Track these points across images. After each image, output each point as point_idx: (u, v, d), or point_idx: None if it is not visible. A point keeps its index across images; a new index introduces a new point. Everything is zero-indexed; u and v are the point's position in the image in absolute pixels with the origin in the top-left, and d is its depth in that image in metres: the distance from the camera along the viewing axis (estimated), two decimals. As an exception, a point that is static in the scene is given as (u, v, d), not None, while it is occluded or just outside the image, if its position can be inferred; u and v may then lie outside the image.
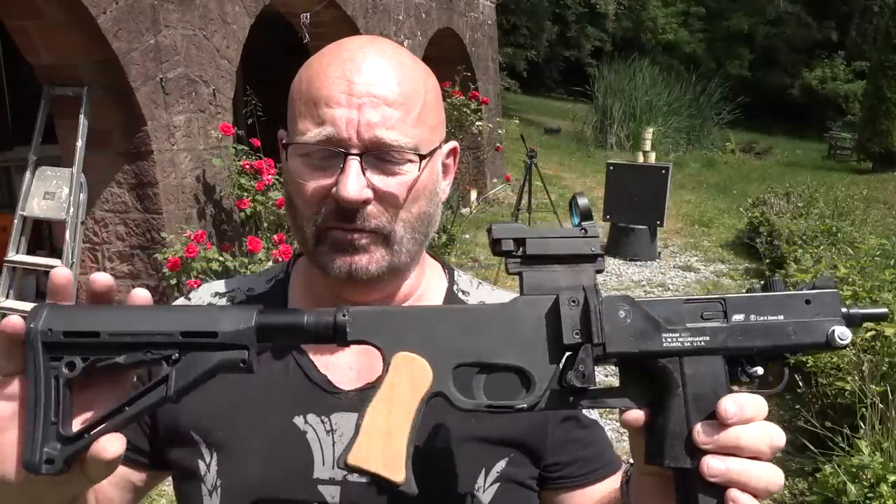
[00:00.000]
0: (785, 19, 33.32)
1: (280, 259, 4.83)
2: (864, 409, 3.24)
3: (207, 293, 0.96)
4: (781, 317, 0.63)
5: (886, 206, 12.30)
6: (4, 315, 4.21)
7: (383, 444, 0.60)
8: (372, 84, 0.79)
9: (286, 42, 7.15)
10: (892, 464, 2.84)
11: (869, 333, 3.89)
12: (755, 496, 0.59)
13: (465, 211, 9.92)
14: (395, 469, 0.60)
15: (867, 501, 2.78)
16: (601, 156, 15.79)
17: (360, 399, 0.84)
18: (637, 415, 0.63)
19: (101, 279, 0.62)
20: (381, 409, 0.61)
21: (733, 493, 0.59)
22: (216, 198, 5.28)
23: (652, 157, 8.73)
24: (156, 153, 4.70)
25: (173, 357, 0.60)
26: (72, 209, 4.48)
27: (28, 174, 4.62)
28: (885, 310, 0.67)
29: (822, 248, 6.29)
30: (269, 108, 6.04)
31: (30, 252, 4.87)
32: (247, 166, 5.34)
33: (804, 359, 4.07)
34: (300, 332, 0.62)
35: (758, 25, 33.13)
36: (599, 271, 0.64)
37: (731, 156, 20.16)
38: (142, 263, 4.84)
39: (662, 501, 0.67)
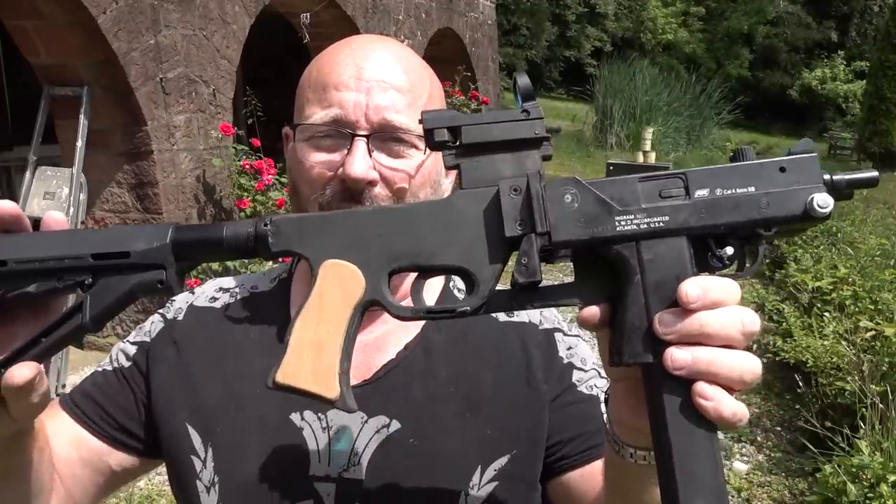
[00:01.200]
0: (785, 19, 33.32)
1: (281, 259, 4.82)
2: (864, 409, 3.24)
3: (212, 288, 0.96)
4: (752, 188, 0.54)
5: (886, 206, 12.29)
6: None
7: (313, 359, 0.56)
8: (381, 70, 0.81)
9: (286, 42, 7.15)
10: (892, 464, 2.84)
11: (869, 333, 3.89)
12: (730, 389, 0.52)
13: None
14: (327, 385, 0.56)
15: (867, 501, 2.78)
16: (601, 156, 15.79)
17: (355, 396, 0.83)
18: (592, 311, 0.56)
19: (6, 206, 0.59)
20: (309, 321, 0.57)
21: (699, 386, 0.51)
22: (216, 198, 5.28)
23: (652, 157, 8.74)
24: (156, 153, 4.70)
25: (87, 282, 0.57)
26: (72, 209, 4.47)
27: (28, 174, 4.62)
28: (874, 173, 0.57)
29: (822, 248, 6.29)
30: (269, 108, 6.04)
31: (30, 252, 4.87)
32: (247, 166, 5.34)
33: (804, 359, 4.07)
34: (219, 246, 0.58)
35: (758, 25, 33.12)
36: (546, 157, 0.57)
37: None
38: (142, 263, 4.84)
39: (637, 408, 0.58)
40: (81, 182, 4.54)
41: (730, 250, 0.55)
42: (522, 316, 0.90)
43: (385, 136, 0.81)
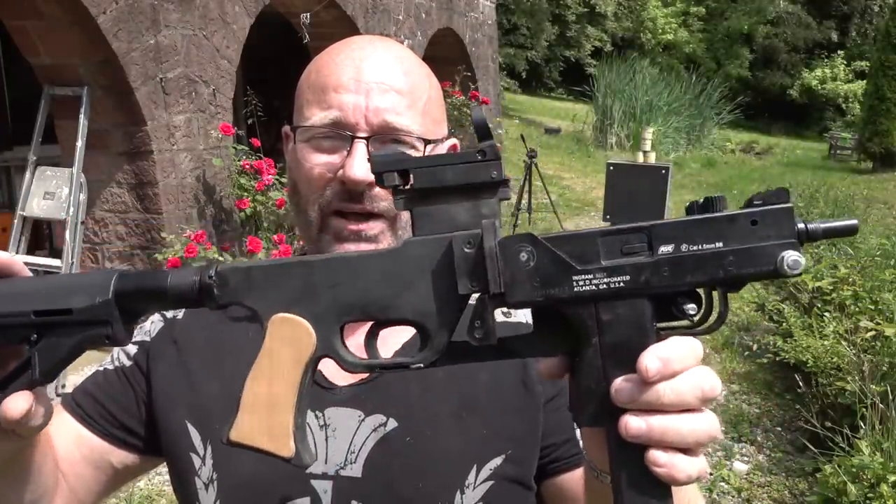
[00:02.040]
0: (785, 19, 33.32)
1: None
2: (864, 409, 3.24)
3: None
4: (720, 244, 0.51)
5: (886, 206, 12.30)
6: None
7: (267, 418, 0.54)
8: (380, 72, 0.81)
9: (286, 42, 7.16)
10: (892, 464, 2.84)
11: (869, 334, 3.89)
12: (685, 451, 0.52)
13: (465, 211, 9.92)
14: (282, 443, 0.55)
15: (867, 501, 2.78)
16: (601, 156, 15.79)
17: (353, 394, 0.84)
18: (550, 364, 0.56)
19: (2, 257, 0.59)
20: (260, 379, 0.55)
21: (653, 454, 0.51)
22: (216, 198, 5.28)
23: (652, 157, 8.73)
24: (156, 153, 4.70)
25: (32, 338, 0.56)
26: (72, 209, 4.48)
27: (28, 174, 4.62)
28: (853, 222, 0.53)
29: (822, 248, 6.29)
30: (269, 108, 6.04)
31: (30, 252, 4.87)
32: (247, 166, 5.34)
33: (804, 359, 4.07)
34: (163, 297, 0.56)
35: (758, 25, 33.14)
36: (504, 199, 0.54)
37: (731, 156, 20.17)
38: (142, 263, 4.84)
39: (604, 455, 0.58)
40: (81, 182, 4.54)
41: (693, 308, 0.53)
42: (519, 316, 0.89)
43: (385, 138, 0.81)
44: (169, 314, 0.94)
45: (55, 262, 4.63)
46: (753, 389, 4.84)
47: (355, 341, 0.70)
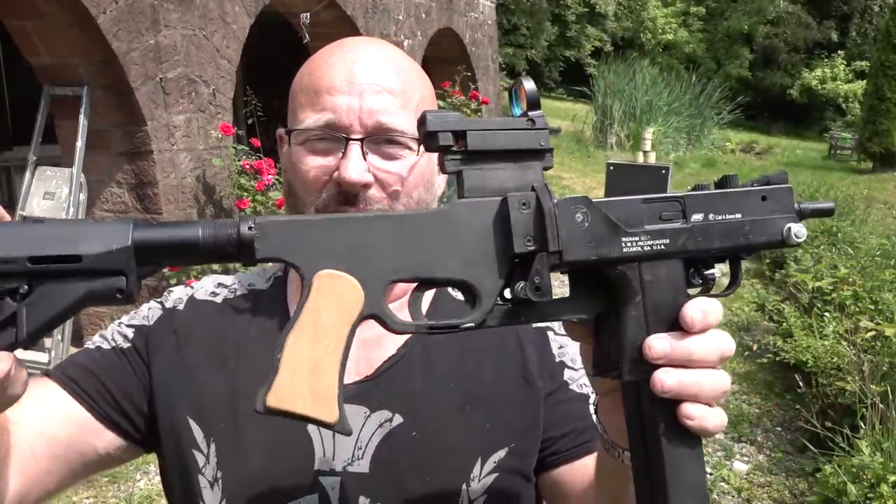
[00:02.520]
0: (785, 19, 33.32)
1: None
2: (864, 409, 3.24)
3: (211, 283, 0.96)
4: (739, 215, 0.58)
5: (886, 206, 12.29)
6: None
7: (310, 381, 0.51)
8: (373, 73, 0.82)
9: (286, 42, 7.15)
10: (892, 464, 2.84)
11: (869, 334, 3.89)
12: (708, 404, 0.57)
13: (465, 211, 9.91)
14: (326, 408, 0.51)
15: (867, 501, 2.78)
16: (601, 156, 15.79)
17: (358, 391, 0.84)
18: (578, 326, 0.60)
19: None
20: (303, 338, 0.51)
21: (686, 408, 0.56)
22: (216, 198, 5.28)
23: (652, 157, 8.74)
24: (156, 153, 4.70)
25: (20, 291, 0.48)
26: (72, 209, 4.47)
27: (28, 174, 4.62)
28: (830, 204, 0.63)
29: (822, 248, 6.29)
30: (269, 108, 6.04)
31: (30, 252, 4.87)
32: (247, 166, 5.34)
33: (804, 359, 4.08)
34: (194, 251, 0.51)
35: (758, 25, 33.13)
36: (547, 168, 0.57)
37: (731, 156, 20.17)
38: (142, 263, 4.84)
39: (622, 427, 0.63)
40: (81, 182, 4.54)
41: (716, 272, 0.59)
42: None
43: (379, 139, 0.81)
44: (168, 303, 0.93)
45: (55, 262, 4.63)
46: (753, 389, 4.84)
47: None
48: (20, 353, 0.55)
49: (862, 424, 3.21)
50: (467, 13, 10.36)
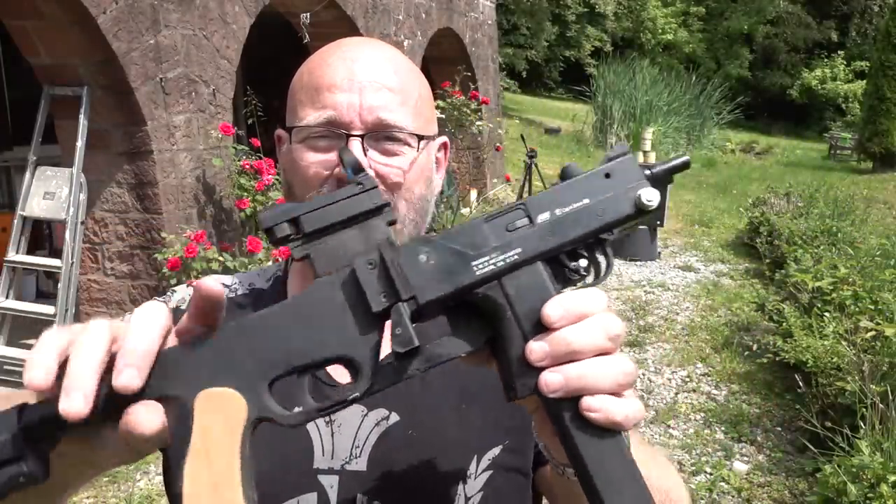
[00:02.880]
0: (785, 19, 33.33)
1: (280, 259, 4.82)
2: (864, 409, 3.24)
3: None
4: (587, 200, 0.58)
5: (886, 206, 12.30)
6: (4, 315, 4.22)
7: (214, 500, 0.51)
8: (372, 70, 0.83)
9: (286, 42, 7.15)
10: (892, 464, 2.84)
11: (869, 334, 3.89)
12: (614, 394, 0.54)
13: (465, 211, 9.91)
14: None
15: (867, 501, 2.78)
16: (601, 156, 15.75)
17: None
18: (475, 356, 0.59)
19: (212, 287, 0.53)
20: (199, 462, 0.51)
21: (584, 402, 0.54)
22: (216, 198, 5.28)
23: (652, 157, 8.74)
24: (156, 153, 4.70)
25: None
26: (72, 209, 4.47)
27: (28, 174, 4.62)
28: (685, 158, 0.62)
29: (822, 248, 6.29)
30: (269, 108, 6.04)
31: (30, 252, 4.87)
32: (247, 166, 5.34)
33: (804, 359, 4.07)
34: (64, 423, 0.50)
35: (758, 25, 33.14)
36: (392, 222, 0.57)
37: (731, 156, 20.18)
38: (142, 263, 4.84)
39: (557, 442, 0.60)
40: (81, 182, 4.54)
41: (583, 262, 0.58)
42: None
43: (379, 136, 0.82)
44: (171, 303, 0.94)
45: (55, 261, 4.63)
46: (753, 389, 4.84)
47: None
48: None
49: (862, 424, 3.21)
50: (467, 13, 10.36)
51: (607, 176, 0.59)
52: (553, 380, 0.54)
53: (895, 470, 2.80)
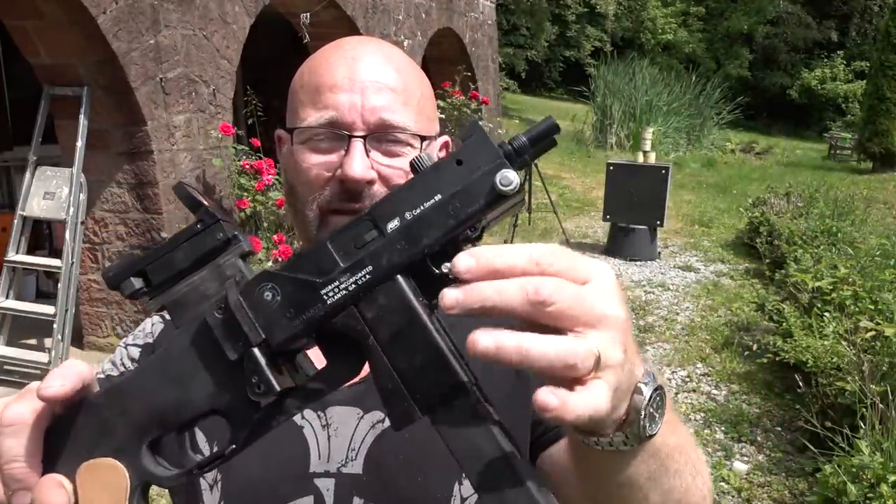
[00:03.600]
0: (785, 19, 33.33)
1: (279, 259, 4.82)
2: (864, 409, 3.24)
3: None
4: (438, 196, 0.48)
5: (886, 206, 12.30)
6: (4, 315, 4.23)
7: None
8: (374, 71, 0.82)
9: (286, 42, 7.15)
10: (892, 464, 2.84)
11: (869, 334, 3.89)
12: (561, 373, 0.43)
13: (465, 211, 9.90)
14: None
15: (867, 501, 2.78)
16: (601, 156, 15.79)
17: (352, 393, 0.84)
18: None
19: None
20: None
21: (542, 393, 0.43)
22: (216, 198, 5.28)
23: (652, 157, 8.72)
24: (156, 153, 4.70)
25: None
26: (72, 209, 4.47)
27: (28, 174, 4.62)
28: (550, 121, 0.51)
29: (822, 248, 6.29)
30: (269, 108, 6.04)
31: (30, 252, 4.87)
32: (247, 166, 5.34)
33: (804, 359, 4.08)
34: None
35: (757, 25, 33.14)
36: (246, 255, 0.53)
37: (731, 156, 20.17)
38: (142, 263, 4.84)
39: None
40: (81, 182, 4.54)
41: (447, 265, 0.49)
42: None
43: (381, 136, 0.81)
44: (168, 315, 0.94)
45: (55, 261, 4.63)
46: (753, 389, 4.84)
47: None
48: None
49: (862, 424, 3.21)
50: (467, 13, 10.36)
51: (459, 163, 0.49)
52: (484, 342, 0.44)
53: (895, 470, 2.80)
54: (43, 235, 6.11)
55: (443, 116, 9.35)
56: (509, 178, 0.48)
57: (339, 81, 0.81)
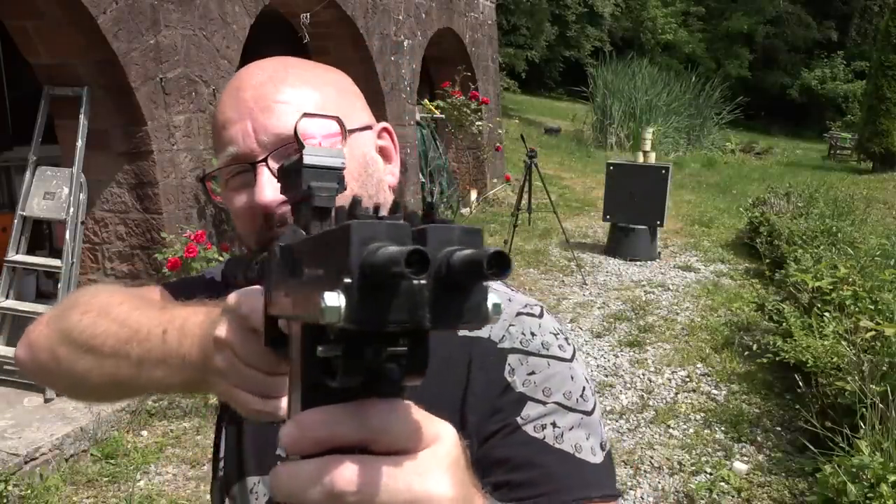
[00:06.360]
0: (785, 19, 33.34)
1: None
2: (864, 409, 3.24)
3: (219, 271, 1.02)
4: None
5: (886, 206, 12.30)
6: (4, 315, 4.22)
7: None
8: (258, 91, 0.79)
9: (286, 42, 7.15)
10: (892, 464, 2.84)
11: (869, 334, 3.89)
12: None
13: (465, 211, 9.92)
14: None
15: (867, 501, 2.78)
16: (601, 156, 15.79)
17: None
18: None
19: None
20: None
21: None
22: (216, 198, 5.28)
23: (652, 157, 8.72)
24: (156, 153, 4.70)
25: None
26: (72, 209, 4.47)
27: (28, 174, 4.62)
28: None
29: (822, 248, 6.29)
30: (269, 108, 6.02)
31: (30, 252, 4.87)
32: (247, 166, 5.34)
33: (804, 359, 4.08)
34: None
35: (757, 25, 33.14)
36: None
37: (731, 156, 20.17)
38: (142, 263, 4.84)
39: None
40: (81, 182, 4.54)
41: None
42: (483, 331, 0.78)
43: (284, 151, 0.77)
44: None
45: (55, 261, 4.63)
46: (753, 389, 4.84)
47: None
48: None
49: (862, 424, 3.21)
50: (467, 13, 10.35)
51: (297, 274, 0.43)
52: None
53: (895, 470, 2.80)
54: (43, 235, 6.11)
55: (442, 116, 9.35)
56: (332, 299, 0.35)
57: (229, 115, 0.80)
